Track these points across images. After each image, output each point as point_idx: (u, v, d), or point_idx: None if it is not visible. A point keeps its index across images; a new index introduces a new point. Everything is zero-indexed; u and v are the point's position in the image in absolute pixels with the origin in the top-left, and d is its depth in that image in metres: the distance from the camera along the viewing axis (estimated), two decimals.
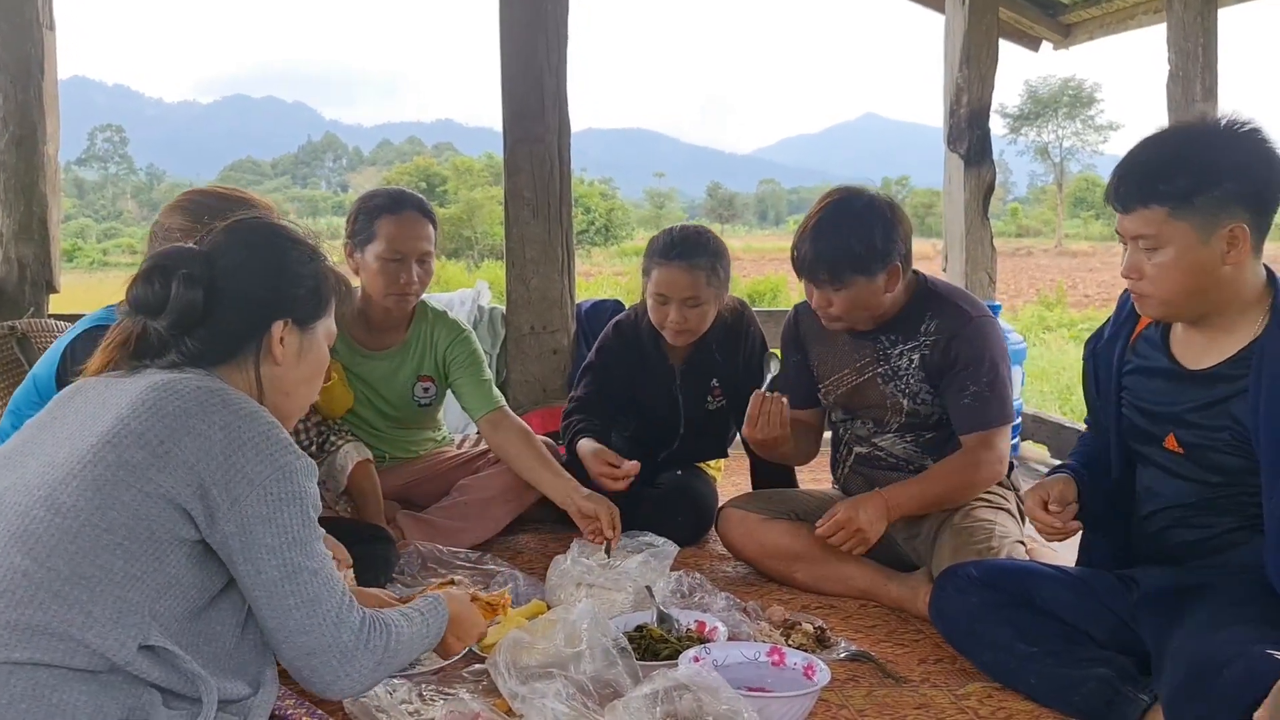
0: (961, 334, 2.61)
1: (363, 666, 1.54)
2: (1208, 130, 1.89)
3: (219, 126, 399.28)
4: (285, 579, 1.48)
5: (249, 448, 1.47)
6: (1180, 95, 4.00)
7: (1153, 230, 1.85)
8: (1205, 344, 1.95)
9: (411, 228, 2.87)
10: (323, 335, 1.71)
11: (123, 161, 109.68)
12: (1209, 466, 1.96)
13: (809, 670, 2.03)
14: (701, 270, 2.95)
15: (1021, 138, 60.22)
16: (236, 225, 1.68)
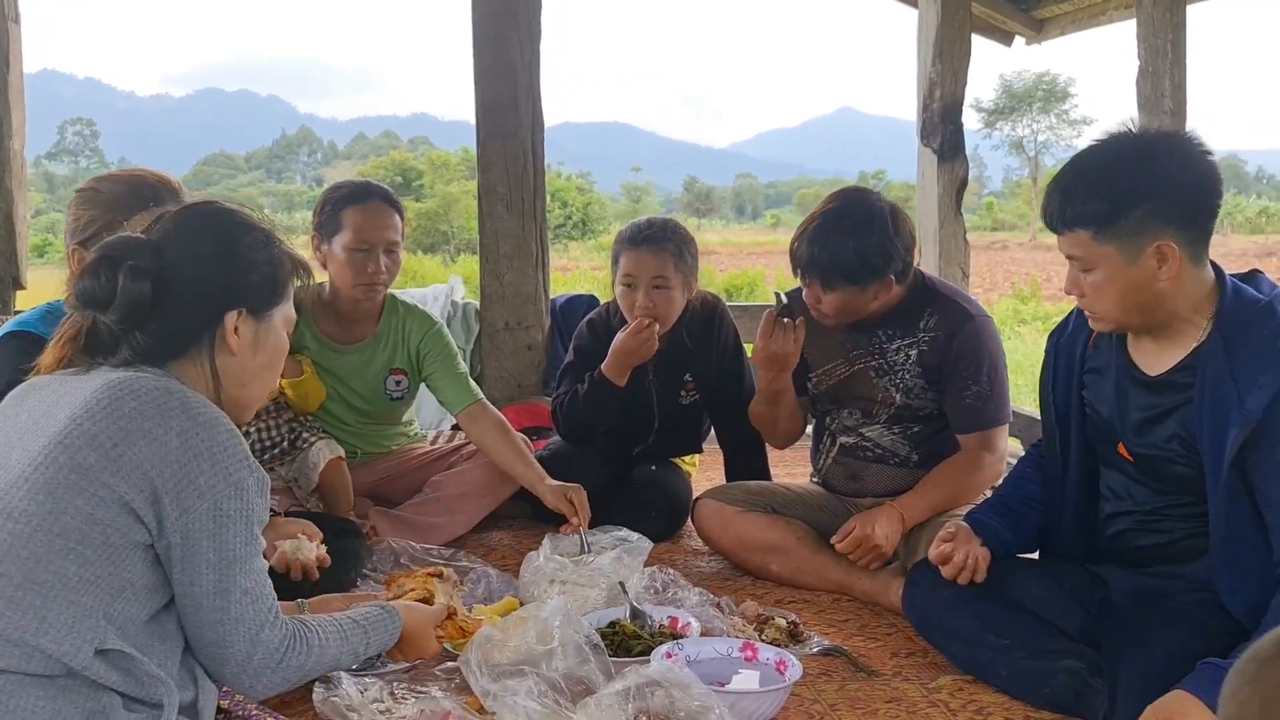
0: (961, 333, 2.62)
1: (269, 682, 1.55)
2: (1131, 147, 1.87)
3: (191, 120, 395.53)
4: (217, 595, 1.47)
5: (204, 458, 1.44)
6: (1150, 91, 4.03)
7: (1081, 252, 1.88)
8: (1158, 350, 1.96)
9: (378, 217, 2.86)
10: (280, 322, 1.66)
11: (94, 155, 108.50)
12: (1161, 476, 1.98)
13: (781, 665, 2.04)
14: (668, 254, 2.98)
15: (996, 132, 60.56)
16: (185, 212, 1.62)
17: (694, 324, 3.13)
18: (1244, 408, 1.77)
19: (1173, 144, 1.86)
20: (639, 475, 3.19)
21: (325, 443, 2.92)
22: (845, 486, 2.85)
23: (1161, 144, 1.86)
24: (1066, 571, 2.15)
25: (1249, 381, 1.78)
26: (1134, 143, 1.87)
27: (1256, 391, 1.76)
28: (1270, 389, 1.75)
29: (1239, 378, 1.79)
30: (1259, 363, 1.78)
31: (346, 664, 1.74)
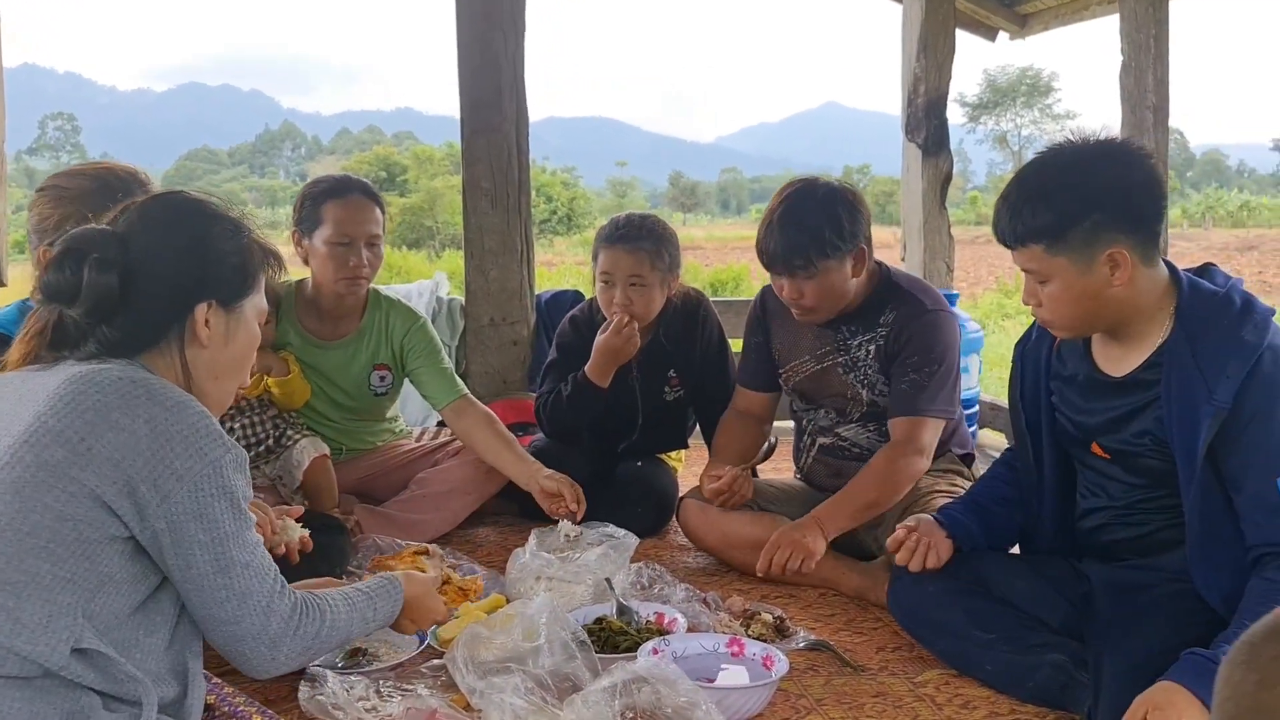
0: (913, 325, 2.63)
1: (290, 651, 1.54)
2: (1073, 159, 1.88)
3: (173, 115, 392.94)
4: (218, 573, 1.45)
5: (176, 441, 1.42)
6: (1133, 86, 4.05)
7: (1035, 266, 1.89)
8: (1122, 351, 1.97)
9: (358, 211, 2.85)
10: (252, 313, 1.63)
11: (75, 150, 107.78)
12: (1135, 470, 2.00)
13: (768, 661, 2.04)
14: (645, 252, 2.98)
15: (981, 126, 60.85)
16: (151, 202, 1.59)
17: (676, 320, 3.13)
18: (1213, 399, 1.79)
19: (1113, 152, 1.87)
20: (624, 471, 3.19)
21: (310, 440, 2.91)
22: (829, 483, 2.84)
23: (1102, 153, 1.87)
24: (1050, 566, 2.16)
25: (1216, 373, 1.80)
26: (1076, 154, 1.88)
27: (1224, 381, 1.78)
28: (1237, 378, 1.77)
29: (1205, 370, 1.81)
30: (1224, 353, 1.80)
31: (358, 633, 1.72)
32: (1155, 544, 2.03)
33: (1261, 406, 1.77)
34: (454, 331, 4.19)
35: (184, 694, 1.50)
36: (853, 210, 2.58)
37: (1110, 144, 1.90)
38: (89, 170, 2.23)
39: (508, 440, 2.94)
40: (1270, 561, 1.75)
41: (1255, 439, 1.77)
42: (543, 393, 3.17)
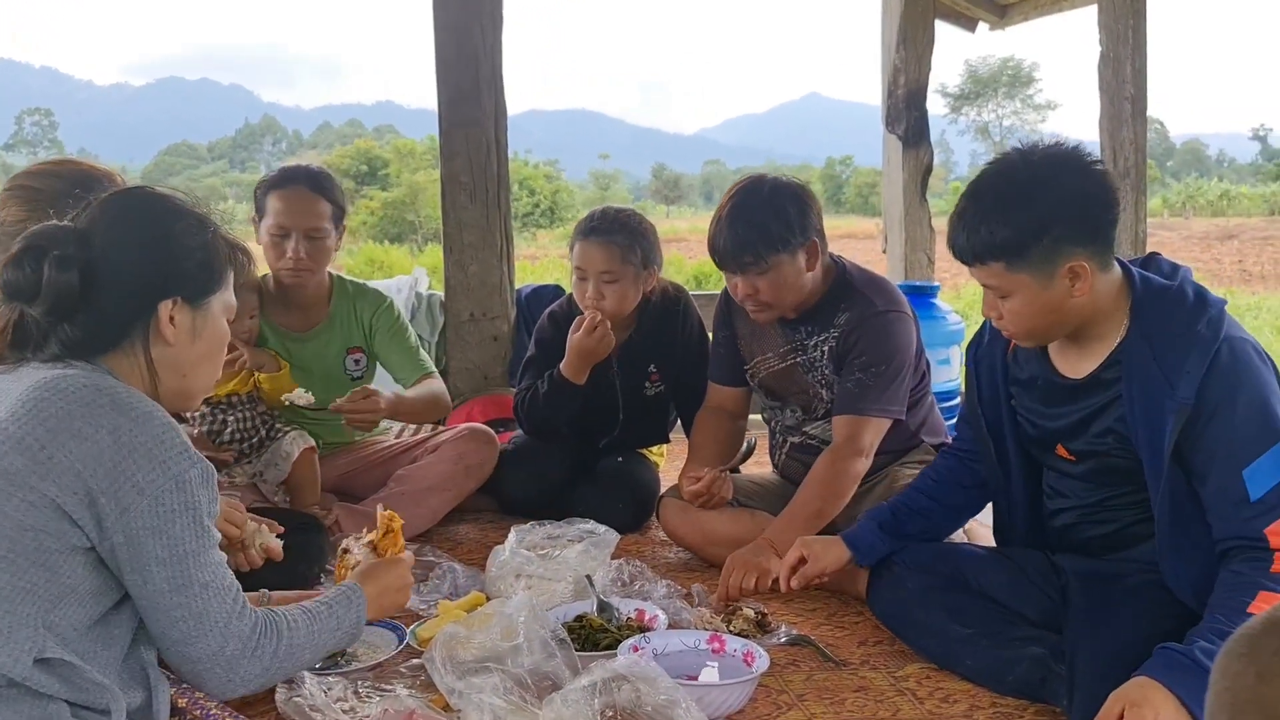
0: (862, 326, 2.62)
1: (248, 673, 1.53)
2: (1027, 173, 1.84)
3: (152, 109, 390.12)
4: (174, 591, 1.43)
5: (140, 454, 1.39)
6: (1111, 76, 4.05)
7: (995, 282, 1.88)
8: (1080, 353, 1.97)
9: (296, 202, 2.84)
10: (219, 310, 1.60)
11: (53, 146, 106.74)
12: (1101, 470, 2.00)
13: (748, 657, 2.04)
14: (617, 246, 2.96)
15: (962, 117, 61.00)
16: (113, 198, 1.56)
17: (656, 315, 3.11)
18: (1175, 395, 1.79)
19: (1066, 163, 1.85)
20: (605, 467, 3.18)
21: (298, 433, 2.91)
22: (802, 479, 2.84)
23: (1055, 164, 1.84)
24: (1028, 559, 2.16)
25: (1176, 369, 1.80)
26: (1028, 168, 1.85)
27: (1185, 378, 1.78)
28: (1197, 373, 1.77)
29: (1165, 367, 1.81)
30: (1182, 349, 1.80)
31: (325, 649, 1.71)
32: (1126, 539, 2.04)
33: (1223, 399, 1.77)
34: (434, 327, 4.17)
35: (149, 700, 1.48)
36: (801, 204, 2.57)
37: (1061, 153, 1.86)
38: (61, 170, 2.15)
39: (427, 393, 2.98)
40: (1237, 554, 1.76)
41: (1218, 432, 1.77)
42: (521, 389, 3.16)
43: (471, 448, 3.07)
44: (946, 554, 2.25)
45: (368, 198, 36.45)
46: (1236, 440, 1.77)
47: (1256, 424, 1.77)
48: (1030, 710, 1.96)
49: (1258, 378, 1.79)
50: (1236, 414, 1.77)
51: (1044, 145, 1.88)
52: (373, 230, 32.79)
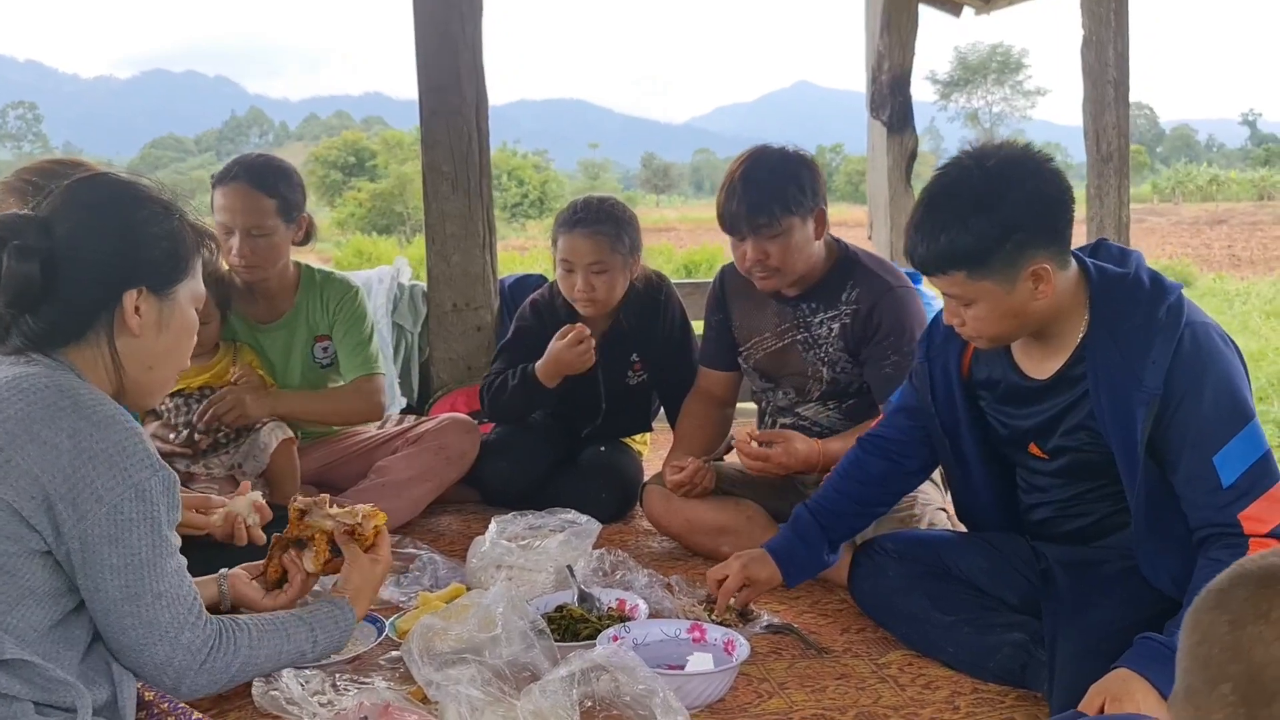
0: (881, 303, 2.62)
1: (195, 683, 1.52)
2: (981, 179, 1.80)
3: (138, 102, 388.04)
4: (126, 600, 1.42)
5: (100, 460, 1.37)
6: (1094, 60, 4.03)
7: (957, 290, 1.84)
8: (1044, 352, 1.95)
9: (235, 199, 2.77)
10: (187, 299, 1.57)
11: (37, 140, 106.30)
12: (1075, 466, 1.98)
13: (729, 646, 2.03)
14: (605, 236, 2.94)
15: (952, 104, 61.03)
16: (75, 186, 1.52)
17: (638, 304, 3.09)
18: (1143, 386, 1.77)
19: (1022, 165, 1.80)
20: (587, 457, 3.16)
21: (276, 424, 2.89)
22: None
23: (1011, 168, 1.80)
24: (1009, 544, 2.15)
25: (1140, 360, 1.78)
26: (984, 174, 1.80)
27: (1151, 368, 1.77)
28: (1163, 362, 1.76)
29: (1130, 359, 1.79)
30: (1145, 339, 1.78)
31: (290, 660, 1.69)
32: (1105, 528, 2.03)
33: (1190, 386, 1.75)
34: (417, 318, 4.14)
35: (114, 695, 1.46)
36: (812, 171, 2.61)
37: (1015, 155, 1.82)
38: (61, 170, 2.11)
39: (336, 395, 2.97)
40: (1214, 541, 1.75)
41: (1187, 419, 1.76)
42: (492, 372, 3.14)
43: (453, 438, 3.05)
44: (927, 541, 2.24)
45: (356, 189, 36.32)
46: (1205, 427, 1.75)
47: (1224, 409, 1.75)
48: (1011, 696, 1.96)
49: (1222, 362, 1.77)
50: (1204, 400, 1.75)
51: (995, 148, 1.85)
52: (361, 222, 32.68)
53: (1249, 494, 1.74)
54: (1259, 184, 41.07)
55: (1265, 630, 0.88)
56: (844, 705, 1.94)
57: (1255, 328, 9.37)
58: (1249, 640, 0.88)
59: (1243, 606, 0.90)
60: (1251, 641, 0.88)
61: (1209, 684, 0.91)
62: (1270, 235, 23.75)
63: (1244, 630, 0.88)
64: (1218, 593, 0.93)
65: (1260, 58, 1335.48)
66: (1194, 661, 0.93)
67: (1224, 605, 0.91)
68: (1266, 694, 0.87)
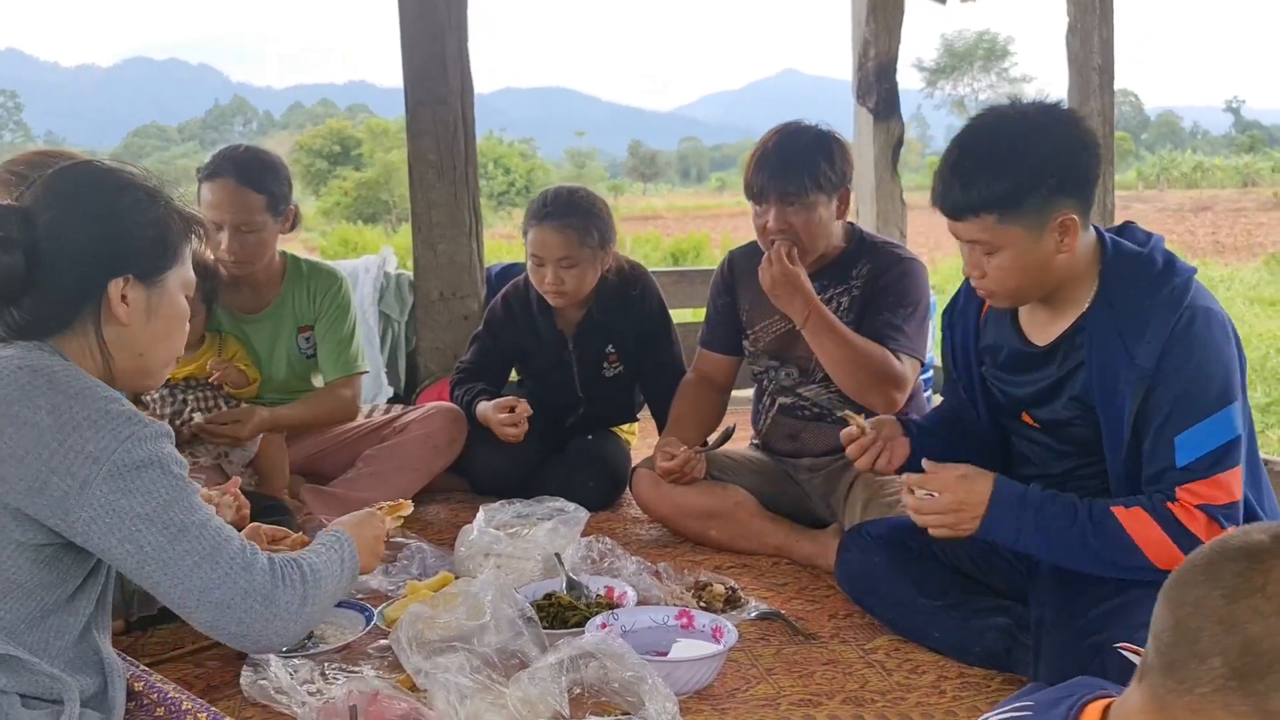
0: (890, 271, 2.65)
1: (288, 605, 1.45)
2: (1020, 124, 1.83)
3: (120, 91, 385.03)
4: (172, 542, 1.37)
5: (85, 426, 1.34)
6: (1079, 48, 4.04)
7: (986, 237, 1.83)
8: (1049, 318, 1.96)
9: (223, 195, 2.75)
10: (176, 286, 1.54)
11: (19, 128, 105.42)
12: (1065, 440, 1.98)
13: (717, 632, 2.04)
14: (574, 230, 2.93)
15: (938, 91, 61.11)
16: (58, 174, 1.49)
17: (611, 295, 3.08)
18: (1135, 364, 1.78)
19: (1056, 116, 1.84)
20: (575, 446, 3.16)
21: None
22: (784, 446, 2.84)
23: (1047, 117, 1.84)
24: None
25: (1136, 337, 1.79)
26: (1021, 120, 1.83)
27: (1145, 346, 1.78)
28: (1158, 340, 1.77)
29: (1126, 334, 1.81)
30: (1143, 315, 1.79)
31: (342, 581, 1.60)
32: None
33: (1174, 365, 1.77)
34: (403, 307, 4.13)
35: (104, 685, 1.45)
36: (843, 150, 2.64)
37: (1048, 106, 1.87)
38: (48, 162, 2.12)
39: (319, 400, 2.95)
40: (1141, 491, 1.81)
41: (1162, 396, 1.77)
42: (461, 364, 3.18)
43: (441, 427, 3.05)
44: (914, 526, 2.25)
45: (341, 178, 36.16)
46: (1177, 406, 1.77)
47: (1199, 392, 1.76)
48: (997, 680, 1.98)
49: (1212, 348, 1.78)
50: (1183, 379, 1.77)
51: (1028, 101, 1.87)
52: (346, 211, 32.56)
53: (1194, 474, 1.76)
54: (1243, 170, 41.27)
55: (1262, 604, 0.88)
56: (831, 690, 1.96)
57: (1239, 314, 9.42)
58: (1244, 613, 0.88)
59: (1236, 580, 0.90)
60: (1248, 614, 0.88)
61: (1197, 658, 0.91)
62: (1254, 222, 23.87)
63: (1239, 604, 0.89)
64: (1203, 568, 0.93)
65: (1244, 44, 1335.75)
66: (1179, 635, 0.93)
67: (1215, 580, 0.91)
68: (1261, 666, 0.87)
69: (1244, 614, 0.88)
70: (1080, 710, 1.08)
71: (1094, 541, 1.80)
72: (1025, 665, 1.93)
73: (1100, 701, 1.08)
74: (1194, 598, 0.92)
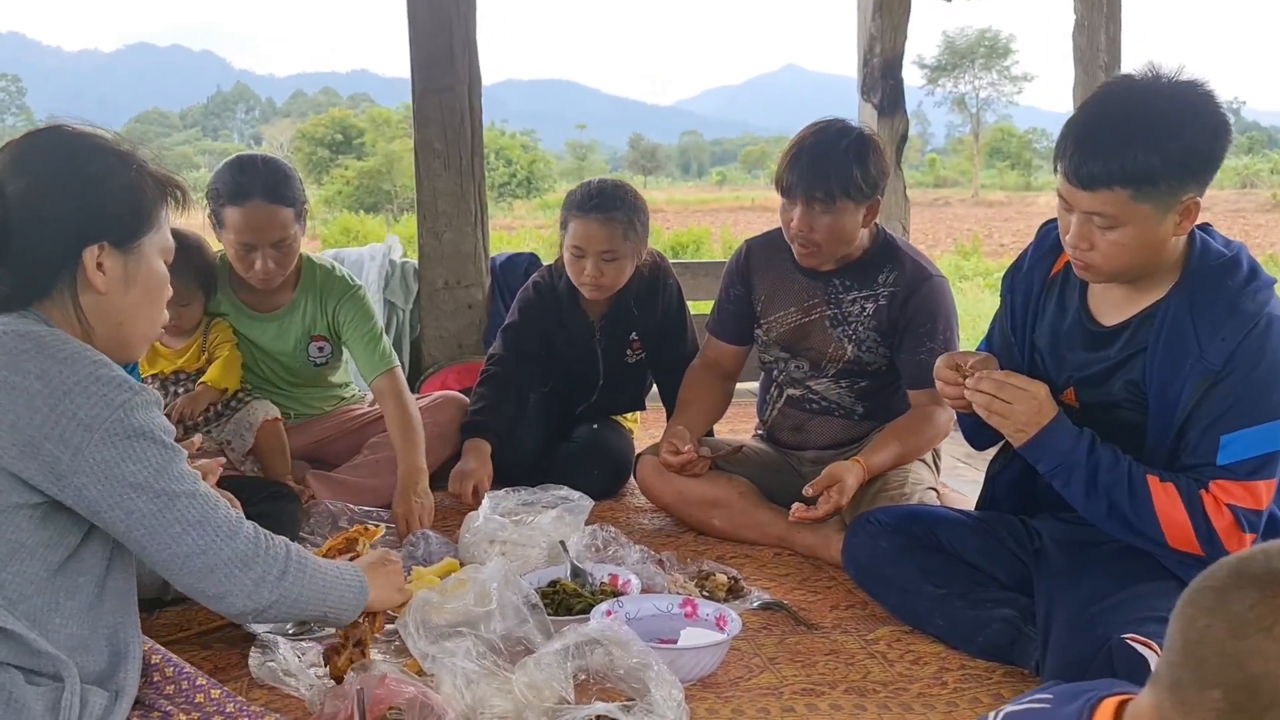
0: (920, 291, 2.62)
1: (266, 573, 1.47)
2: (1170, 101, 1.75)
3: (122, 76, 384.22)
4: (163, 509, 1.39)
5: (76, 392, 1.33)
6: (1085, 45, 4.05)
7: (1112, 210, 1.75)
8: (1122, 299, 1.92)
9: (257, 218, 2.70)
10: (154, 252, 1.51)
11: (21, 112, 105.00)
12: (1103, 424, 1.94)
13: (721, 621, 2.05)
14: (619, 224, 2.91)
15: (939, 88, 60.98)
16: (25, 141, 1.47)
17: (639, 285, 3.08)
18: (1203, 358, 1.77)
19: (1202, 95, 1.76)
20: (580, 434, 3.17)
21: (260, 402, 2.87)
22: (789, 438, 2.86)
23: (1193, 96, 1.75)
24: (1003, 524, 2.17)
25: (1210, 333, 1.77)
26: (1171, 97, 1.75)
27: (1217, 344, 1.76)
28: (1232, 342, 1.75)
29: (1200, 329, 1.79)
30: (1221, 315, 1.78)
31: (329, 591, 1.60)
32: None
33: (1239, 367, 1.75)
34: (408, 295, 4.14)
35: (116, 664, 1.44)
36: (880, 159, 2.59)
37: (1194, 85, 1.76)
38: None
39: (408, 427, 2.80)
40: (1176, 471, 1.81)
41: (1220, 395, 1.76)
42: (492, 355, 3.15)
43: (445, 415, 3.06)
44: (921, 515, 2.26)
45: (343, 167, 36.14)
46: (1233, 407, 1.76)
47: (1258, 398, 1.75)
48: (999, 672, 1.99)
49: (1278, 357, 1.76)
50: (1245, 383, 1.75)
51: (1166, 76, 1.78)
52: (348, 200, 32.54)
53: (1235, 476, 1.77)
54: (1242, 172, 41.27)
55: (1266, 645, 0.87)
56: (834, 680, 1.97)
57: None
58: (1248, 652, 0.87)
59: (1244, 615, 0.88)
60: (1250, 653, 0.87)
61: (1199, 685, 0.90)
62: (1252, 223, 23.90)
63: (1244, 641, 0.88)
64: (1217, 591, 0.91)
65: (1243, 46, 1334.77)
66: (1186, 657, 0.92)
67: (1223, 609, 0.90)
68: (1260, 705, 0.87)
69: (1248, 651, 0.87)
70: (1095, 706, 1.08)
71: (1120, 497, 1.81)
72: (1028, 658, 1.94)
73: (1115, 699, 1.08)
74: (1203, 625, 0.91)
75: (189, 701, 1.50)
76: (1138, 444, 1.90)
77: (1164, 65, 1.80)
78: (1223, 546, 1.76)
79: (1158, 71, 1.79)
